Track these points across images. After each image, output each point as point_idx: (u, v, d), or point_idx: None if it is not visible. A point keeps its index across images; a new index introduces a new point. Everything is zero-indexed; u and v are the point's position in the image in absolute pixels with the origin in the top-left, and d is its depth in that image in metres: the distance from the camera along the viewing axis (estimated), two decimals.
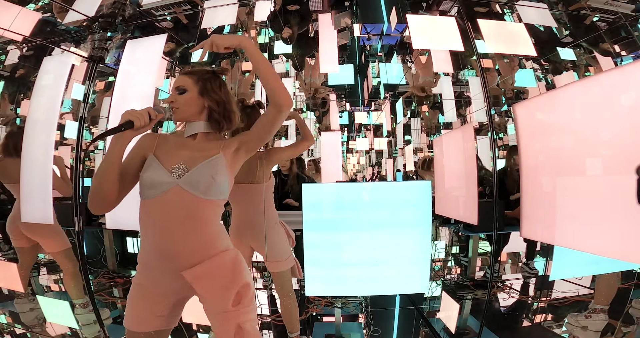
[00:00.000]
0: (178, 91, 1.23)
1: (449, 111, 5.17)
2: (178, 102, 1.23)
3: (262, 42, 5.17)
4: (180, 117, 1.25)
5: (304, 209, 1.97)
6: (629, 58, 3.72)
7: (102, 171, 1.12)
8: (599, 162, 1.57)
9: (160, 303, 1.18)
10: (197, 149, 1.22)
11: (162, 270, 1.16)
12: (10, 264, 2.77)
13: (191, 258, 1.14)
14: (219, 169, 1.17)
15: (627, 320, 2.40)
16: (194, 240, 1.15)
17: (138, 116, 1.11)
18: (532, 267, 3.69)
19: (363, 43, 5.62)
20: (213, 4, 3.30)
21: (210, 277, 1.15)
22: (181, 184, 1.14)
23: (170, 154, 1.20)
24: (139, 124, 1.10)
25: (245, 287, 1.17)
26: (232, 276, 1.17)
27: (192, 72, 1.26)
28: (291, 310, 2.17)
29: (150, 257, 1.17)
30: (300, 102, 6.09)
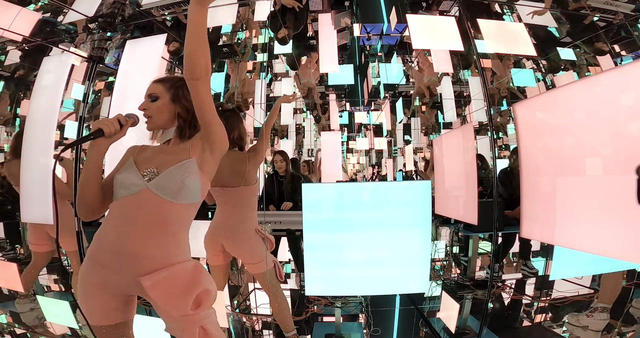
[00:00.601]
0: (150, 99, 1.24)
1: (449, 111, 5.17)
2: (151, 110, 1.24)
3: (262, 42, 5.18)
4: (153, 126, 1.25)
5: (304, 209, 1.97)
6: (629, 58, 3.72)
7: (82, 179, 1.16)
8: (599, 162, 1.57)
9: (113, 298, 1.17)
10: (170, 153, 1.22)
11: (114, 269, 1.14)
12: (10, 264, 2.77)
13: (150, 263, 1.13)
14: (189, 172, 1.16)
15: (628, 319, 2.40)
16: (157, 244, 1.14)
17: (107, 123, 1.13)
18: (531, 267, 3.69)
19: (363, 43, 5.62)
20: (213, 3, 3.29)
21: (167, 285, 1.13)
22: (150, 187, 1.14)
23: (147, 159, 1.22)
24: (108, 132, 1.12)
25: (205, 293, 1.16)
26: (190, 285, 1.15)
27: (164, 79, 1.27)
28: (281, 310, 2.18)
29: (105, 255, 1.15)
30: (300, 103, 6.09)
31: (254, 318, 2.89)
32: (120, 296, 1.18)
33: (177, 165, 1.16)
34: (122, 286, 1.16)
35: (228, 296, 2.98)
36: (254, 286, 3.35)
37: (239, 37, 4.97)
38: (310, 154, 6.45)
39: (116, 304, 1.18)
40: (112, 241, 1.14)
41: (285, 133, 6.22)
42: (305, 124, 6.46)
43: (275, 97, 5.59)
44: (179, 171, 1.15)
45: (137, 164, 1.20)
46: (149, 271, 1.12)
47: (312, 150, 6.48)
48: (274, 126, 6.15)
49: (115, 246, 1.13)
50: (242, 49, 4.97)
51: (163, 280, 1.13)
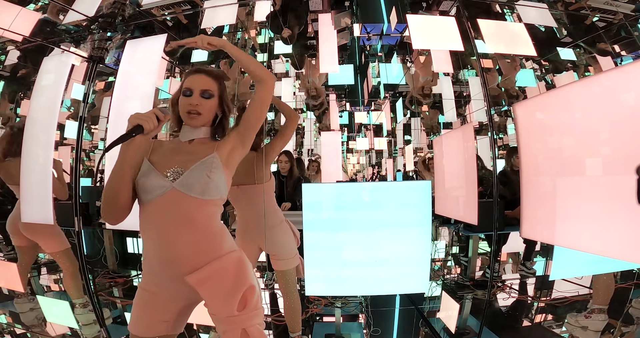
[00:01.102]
0: (204, 95, 1.18)
1: (449, 111, 5.17)
2: (203, 107, 1.18)
3: (262, 42, 5.18)
4: (199, 123, 1.20)
5: (304, 209, 1.97)
6: (629, 58, 3.72)
7: (116, 181, 1.07)
8: (599, 162, 1.57)
9: (165, 309, 1.15)
10: (192, 152, 1.18)
11: (166, 276, 1.13)
12: (10, 264, 2.77)
13: (193, 262, 1.11)
14: (214, 167, 1.14)
15: (627, 320, 2.40)
16: (194, 242, 1.11)
17: (146, 119, 1.04)
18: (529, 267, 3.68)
19: (363, 43, 5.62)
20: (213, 3, 3.30)
21: (214, 281, 1.11)
22: (177, 187, 1.11)
23: (165, 159, 1.17)
24: (148, 128, 1.04)
25: (250, 290, 1.14)
26: (236, 279, 1.13)
27: (216, 75, 1.22)
28: (294, 310, 2.18)
29: (152, 263, 1.14)
30: (300, 102, 6.09)
31: None
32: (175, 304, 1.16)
33: (201, 161, 1.14)
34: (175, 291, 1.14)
35: None
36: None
37: (238, 37, 4.98)
38: (310, 154, 6.45)
39: (168, 316, 1.16)
40: (152, 247, 1.13)
41: None
42: (305, 124, 6.45)
43: (275, 98, 5.58)
44: (204, 167, 1.13)
45: (155, 165, 1.15)
46: (193, 270, 1.10)
47: (312, 150, 6.48)
48: (274, 126, 6.15)
49: (157, 253, 1.13)
50: (242, 49, 4.97)
51: (209, 275, 1.11)
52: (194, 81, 1.19)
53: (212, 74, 1.21)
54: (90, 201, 3.31)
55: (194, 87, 1.18)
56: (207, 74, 1.20)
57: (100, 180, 4.37)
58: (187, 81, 1.20)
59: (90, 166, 5.68)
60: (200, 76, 1.20)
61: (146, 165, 1.15)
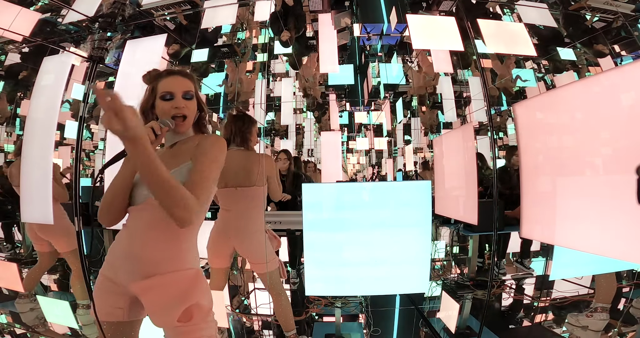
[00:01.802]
0: (186, 96, 1.15)
1: (449, 111, 5.17)
2: (188, 109, 1.15)
3: (262, 42, 5.18)
4: (187, 128, 1.18)
5: (304, 209, 1.97)
6: (629, 58, 3.72)
7: (115, 189, 1.12)
8: (599, 162, 1.57)
9: (117, 296, 1.17)
10: (173, 156, 1.17)
11: (124, 270, 1.14)
12: (10, 264, 2.77)
13: (152, 266, 1.12)
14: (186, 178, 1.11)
15: (628, 320, 2.40)
16: (162, 249, 1.13)
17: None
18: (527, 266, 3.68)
19: (363, 43, 5.62)
20: (213, 3, 3.30)
21: (156, 293, 1.11)
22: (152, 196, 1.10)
23: None
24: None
25: (196, 306, 1.12)
26: (182, 295, 1.11)
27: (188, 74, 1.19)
28: (284, 309, 2.20)
29: (117, 255, 1.16)
30: (300, 102, 6.09)
31: (254, 318, 2.89)
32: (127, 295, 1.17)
33: (174, 170, 1.12)
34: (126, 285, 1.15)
35: (228, 296, 2.98)
36: (254, 286, 3.36)
37: (239, 37, 4.98)
38: (310, 154, 6.45)
39: (117, 303, 1.17)
40: (124, 246, 1.15)
41: (285, 133, 6.23)
42: (305, 124, 6.46)
43: (275, 98, 5.59)
44: (178, 176, 1.11)
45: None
46: (149, 275, 1.11)
47: (312, 150, 6.49)
48: (274, 126, 6.16)
49: (126, 250, 1.14)
50: (243, 49, 4.98)
51: (155, 286, 1.11)
52: (174, 84, 1.15)
53: (187, 74, 1.18)
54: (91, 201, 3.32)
55: (176, 90, 1.14)
56: (183, 75, 1.17)
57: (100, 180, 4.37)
58: (164, 85, 1.16)
59: (91, 166, 5.69)
60: (177, 78, 1.16)
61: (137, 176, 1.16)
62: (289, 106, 5.24)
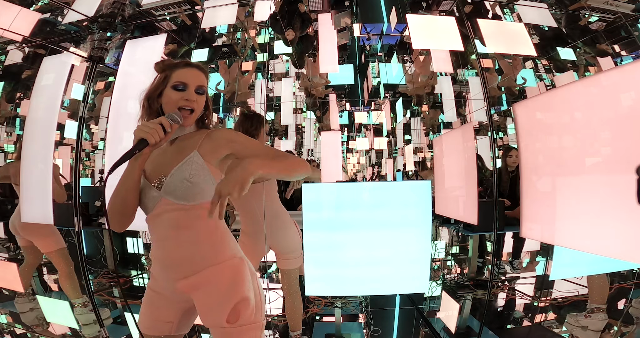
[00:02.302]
0: (199, 91, 1.13)
1: (449, 111, 5.17)
2: (198, 104, 1.12)
3: (261, 42, 5.18)
4: (192, 122, 1.14)
5: (304, 209, 1.97)
6: (629, 58, 3.72)
7: (124, 191, 1.07)
8: (599, 162, 1.57)
9: (169, 310, 1.15)
10: (174, 152, 1.13)
11: (166, 279, 1.12)
12: (10, 264, 2.77)
13: (190, 267, 1.08)
14: (195, 169, 1.07)
15: (628, 320, 2.40)
16: (191, 249, 1.08)
17: (151, 132, 1.01)
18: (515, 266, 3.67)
19: (363, 43, 5.62)
20: (213, 3, 3.30)
21: (205, 288, 1.07)
22: (163, 195, 1.08)
23: (153, 166, 1.13)
24: (153, 141, 1.02)
25: (244, 302, 1.07)
26: (228, 289, 1.07)
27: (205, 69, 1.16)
28: (296, 308, 2.20)
29: (156, 266, 1.14)
30: (300, 102, 6.09)
31: None
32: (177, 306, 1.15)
33: (180, 165, 1.08)
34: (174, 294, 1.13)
35: None
36: None
37: (238, 37, 4.98)
38: (310, 154, 6.45)
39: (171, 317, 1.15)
40: (154, 252, 1.13)
41: (284, 133, 6.23)
42: (305, 124, 6.46)
43: (275, 97, 5.59)
44: (183, 170, 1.07)
45: (147, 176, 1.12)
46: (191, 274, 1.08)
47: (312, 150, 6.49)
48: (275, 126, 6.16)
49: (160, 257, 1.11)
50: (242, 49, 4.98)
51: (200, 282, 1.07)
52: (189, 76, 1.12)
53: (204, 69, 1.16)
54: (90, 202, 3.32)
55: (190, 82, 1.11)
56: (200, 70, 1.14)
57: (100, 180, 4.37)
58: (179, 75, 1.12)
59: (91, 166, 5.69)
60: (194, 70, 1.13)
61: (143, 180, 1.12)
62: (289, 106, 5.24)
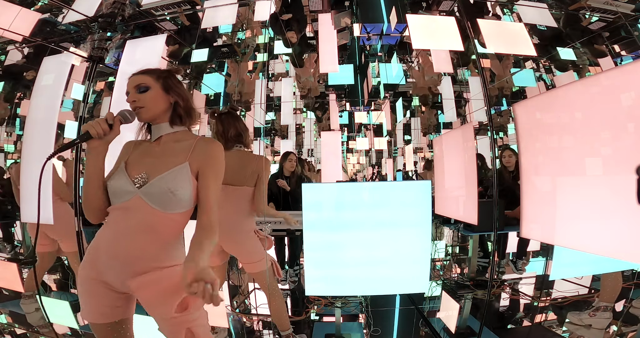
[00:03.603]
0: (139, 90, 1.19)
1: (449, 111, 5.17)
2: (143, 101, 1.18)
3: (261, 42, 5.17)
4: (147, 117, 1.20)
5: (304, 209, 1.97)
6: (629, 58, 3.71)
7: (85, 183, 1.15)
8: (599, 162, 1.57)
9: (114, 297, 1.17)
10: (162, 154, 1.19)
11: (113, 270, 1.14)
12: (10, 264, 2.77)
13: (141, 264, 1.13)
14: (180, 181, 1.13)
15: (630, 320, 2.40)
16: (150, 250, 1.14)
17: (94, 125, 1.09)
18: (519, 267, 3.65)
19: (363, 43, 5.62)
20: (213, 3, 3.30)
21: (154, 288, 1.13)
22: (140, 195, 1.13)
23: (136, 162, 1.19)
24: (95, 133, 1.09)
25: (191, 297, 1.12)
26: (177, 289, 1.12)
27: (148, 70, 1.23)
28: (278, 309, 2.19)
29: (101, 257, 1.15)
30: (299, 102, 6.09)
31: (253, 318, 2.89)
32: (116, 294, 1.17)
33: (168, 172, 1.14)
34: (117, 286, 1.16)
35: (228, 296, 2.98)
36: (253, 286, 3.35)
37: (239, 37, 4.98)
38: (310, 154, 6.45)
39: (114, 302, 1.17)
40: (108, 244, 1.15)
41: (285, 133, 6.23)
42: (305, 124, 6.46)
43: (275, 97, 5.59)
44: (169, 179, 1.13)
45: (128, 168, 1.17)
46: (140, 273, 1.13)
47: (312, 150, 6.48)
48: (274, 125, 6.16)
49: (111, 249, 1.14)
50: (244, 49, 4.97)
51: (149, 282, 1.12)
52: (128, 83, 1.21)
53: (143, 71, 1.22)
54: None
55: (129, 87, 1.20)
56: (138, 73, 1.22)
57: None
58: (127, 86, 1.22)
59: None
60: (132, 77, 1.22)
61: (120, 168, 1.18)
62: (289, 106, 5.24)
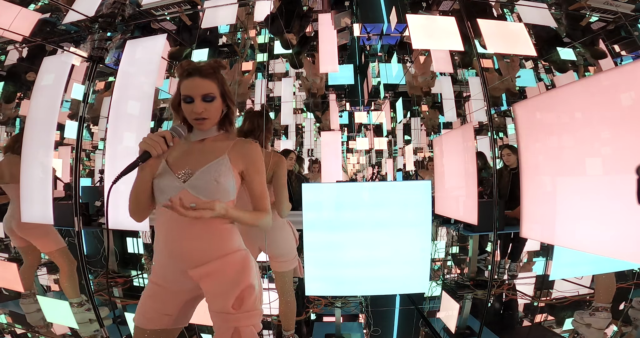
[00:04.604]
0: (206, 99, 1.14)
1: (449, 111, 5.17)
2: (209, 112, 1.15)
3: (261, 42, 5.18)
4: (209, 127, 1.20)
5: (304, 209, 1.97)
6: (629, 58, 3.72)
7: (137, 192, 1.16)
8: (599, 162, 1.57)
9: (170, 302, 1.19)
10: (204, 151, 1.20)
11: (172, 269, 1.18)
12: (10, 264, 2.77)
13: (199, 258, 1.15)
14: (223, 171, 1.16)
15: (628, 320, 2.40)
16: (204, 241, 1.15)
17: (153, 145, 1.08)
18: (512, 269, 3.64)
19: (363, 43, 5.62)
20: (213, 3, 3.30)
21: (215, 276, 1.15)
22: (187, 188, 1.14)
23: (179, 160, 1.19)
24: (156, 154, 1.09)
25: (249, 289, 1.16)
26: (236, 277, 1.16)
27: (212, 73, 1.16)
28: (291, 309, 2.19)
29: (162, 256, 1.19)
30: (299, 102, 6.09)
31: None
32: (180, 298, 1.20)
33: (210, 164, 1.16)
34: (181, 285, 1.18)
35: None
36: None
37: (238, 37, 4.98)
38: (310, 154, 6.45)
39: (171, 309, 1.19)
40: (163, 242, 1.17)
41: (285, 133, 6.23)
42: (305, 124, 6.46)
43: (275, 98, 5.59)
44: (212, 170, 1.15)
45: (170, 166, 1.18)
46: (198, 265, 1.15)
47: (312, 150, 6.49)
48: (275, 126, 6.16)
49: (167, 247, 1.17)
50: (242, 49, 4.97)
51: (212, 270, 1.14)
52: (192, 87, 1.13)
53: (208, 73, 1.14)
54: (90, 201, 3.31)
55: (194, 93, 1.13)
56: (202, 76, 1.13)
57: (100, 180, 4.37)
58: (184, 87, 1.14)
59: (91, 167, 5.69)
60: (196, 79, 1.13)
61: (162, 166, 1.18)
62: (289, 106, 5.24)
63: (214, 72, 1.16)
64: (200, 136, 1.22)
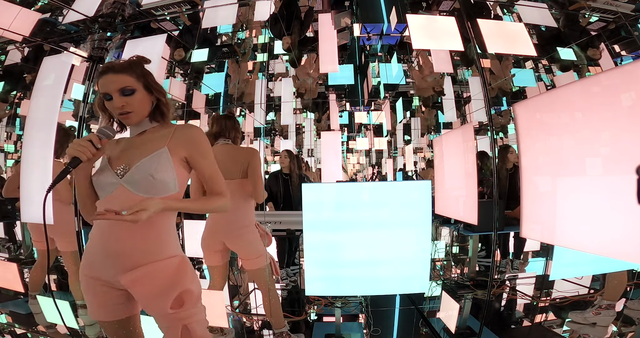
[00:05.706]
0: (124, 93, 1.12)
1: (449, 111, 5.17)
2: (132, 105, 1.14)
3: (262, 42, 5.17)
4: (136, 121, 1.18)
5: (304, 209, 1.97)
6: (629, 58, 3.72)
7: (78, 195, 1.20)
8: (599, 162, 1.57)
9: (114, 295, 1.17)
10: (141, 145, 1.18)
11: (106, 268, 1.14)
12: (10, 264, 2.77)
13: (133, 260, 1.12)
14: (160, 164, 1.12)
15: (629, 320, 2.40)
16: (140, 242, 1.12)
17: (82, 150, 1.08)
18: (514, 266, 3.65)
19: (363, 43, 5.62)
20: (213, 3, 3.30)
21: (145, 282, 1.12)
22: (123, 184, 1.12)
23: (119, 155, 1.18)
24: (85, 158, 1.08)
25: (187, 293, 1.14)
26: (171, 283, 1.13)
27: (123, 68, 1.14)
28: (274, 306, 2.20)
29: (95, 255, 1.16)
30: (299, 102, 6.09)
31: (253, 318, 2.89)
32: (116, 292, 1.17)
33: (147, 158, 1.13)
34: (114, 283, 1.15)
35: (228, 296, 2.98)
36: (253, 286, 3.36)
37: (239, 37, 4.97)
38: (310, 154, 6.45)
39: (115, 300, 1.17)
40: (99, 241, 1.15)
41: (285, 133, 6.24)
42: (305, 124, 6.46)
43: (276, 98, 5.59)
44: (148, 164, 1.12)
45: (110, 162, 1.17)
46: (132, 268, 1.12)
47: (312, 150, 6.49)
48: (275, 126, 6.17)
49: (102, 245, 1.14)
50: (243, 49, 4.97)
51: (142, 277, 1.11)
52: (107, 83, 1.13)
53: (122, 68, 1.13)
54: None
55: (110, 89, 1.12)
56: (115, 72, 1.13)
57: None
58: (100, 86, 1.14)
59: None
60: (109, 76, 1.13)
61: (102, 163, 1.19)
62: (289, 106, 5.24)
63: (129, 66, 1.15)
64: (136, 130, 1.21)
